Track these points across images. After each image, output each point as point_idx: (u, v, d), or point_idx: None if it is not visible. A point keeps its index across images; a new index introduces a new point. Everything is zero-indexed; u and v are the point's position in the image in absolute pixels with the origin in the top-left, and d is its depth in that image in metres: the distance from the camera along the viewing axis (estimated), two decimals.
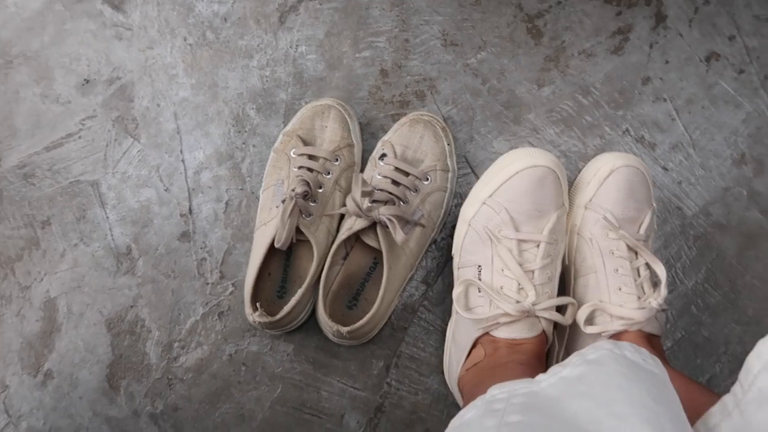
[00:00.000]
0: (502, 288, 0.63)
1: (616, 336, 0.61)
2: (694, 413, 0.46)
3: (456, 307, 0.64)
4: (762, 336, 0.72)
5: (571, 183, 0.75)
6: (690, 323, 0.75)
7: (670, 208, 0.78)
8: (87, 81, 0.83)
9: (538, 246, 0.63)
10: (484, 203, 0.65)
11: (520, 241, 0.63)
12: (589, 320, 0.63)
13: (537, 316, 0.62)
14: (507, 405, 0.40)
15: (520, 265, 0.62)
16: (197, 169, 0.80)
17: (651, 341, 0.62)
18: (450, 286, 0.76)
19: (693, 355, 0.75)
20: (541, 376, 0.42)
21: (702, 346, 0.75)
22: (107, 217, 0.79)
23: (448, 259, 0.77)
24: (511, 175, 0.64)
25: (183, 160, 0.80)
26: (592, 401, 0.38)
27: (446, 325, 0.74)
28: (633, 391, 0.38)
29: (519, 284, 0.62)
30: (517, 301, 0.61)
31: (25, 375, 0.76)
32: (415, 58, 0.82)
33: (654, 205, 0.70)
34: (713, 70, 0.81)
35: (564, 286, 0.69)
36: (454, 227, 0.77)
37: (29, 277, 0.78)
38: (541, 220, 0.64)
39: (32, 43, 0.83)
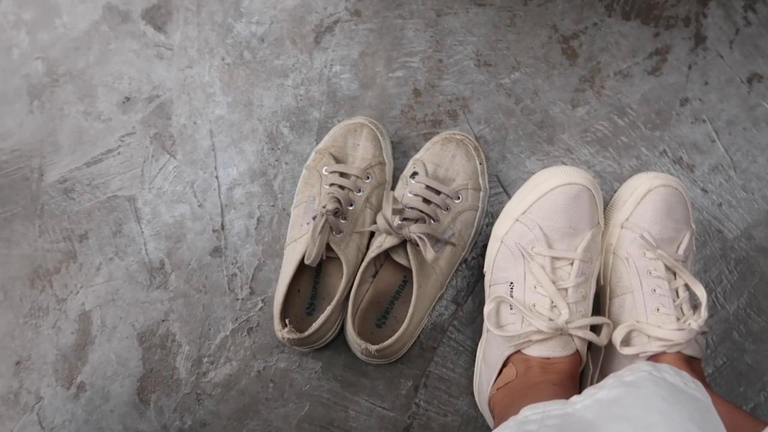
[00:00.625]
0: (534, 305, 0.61)
1: (654, 358, 0.59)
2: None
3: (487, 324, 0.63)
4: None
5: (607, 203, 0.74)
6: (732, 350, 0.72)
7: (710, 231, 0.75)
8: (128, 99, 0.85)
9: (571, 264, 0.62)
10: (517, 220, 0.65)
11: (554, 258, 0.62)
12: (626, 341, 0.61)
13: (570, 335, 0.60)
14: (540, 426, 0.39)
15: (554, 282, 0.61)
16: (230, 185, 0.81)
17: (691, 365, 0.59)
18: (480, 305, 0.75)
19: (736, 383, 0.72)
20: (575, 398, 0.41)
21: (745, 374, 0.72)
22: (142, 232, 0.81)
23: (479, 278, 0.76)
24: (546, 192, 0.63)
25: (217, 177, 0.82)
26: (629, 425, 0.36)
27: (476, 345, 0.73)
28: (674, 415, 0.36)
29: (552, 302, 0.61)
30: (550, 319, 0.60)
31: (59, 387, 0.77)
32: (449, 78, 0.82)
33: (693, 226, 0.69)
34: (755, 92, 0.79)
35: (599, 307, 0.67)
36: (484, 247, 0.76)
37: (66, 289, 0.80)
38: (576, 238, 0.63)
39: (78, 62, 0.86)
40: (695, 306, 0.62)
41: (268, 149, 0.82)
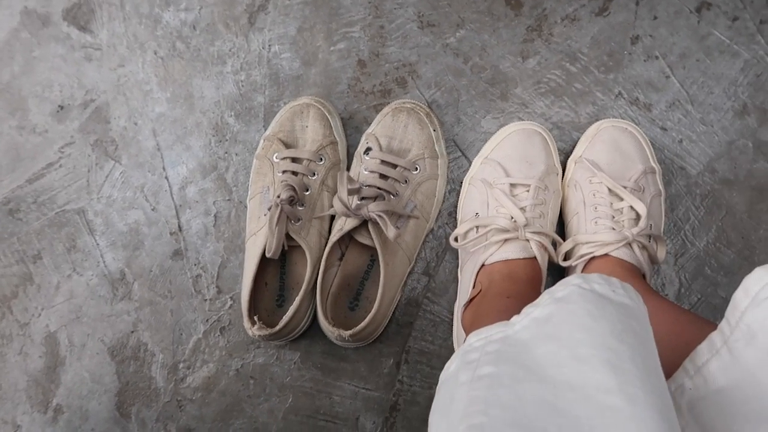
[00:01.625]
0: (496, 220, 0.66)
1: (589, 264, 0.63)
2: (683, 345, 0.46)
3: (452, 244, 0.67)
4: None
5: (568, 154, 0.73)
6: (705, 285, 0.72)
7: (673, 169, 0.74)
8: (62, 107, 0.81)
9: (528, 189, 0.67)
10: (481, 162, 0.72)
11: (512, 185, 0.68)
12: (570, 257, 0.66)
13: (527, 240, 0.64)
14: (481, 354, 0.39)
15: (513, 204, 0.66)
16: (182, 184, 0.78)
17: (633, 273, 0.61)
18: (451, 274, 0.74)
19: (712, 317, 0.72)
20: (515, 318, 0.41)
21: (720, 308, 0.71)
22: (97, 244, 0.78)
23: (447, 247, 0.74)
24: (504, 137, 0.71)
25: (167, 177, 0.78)
26: (557, 344, 0.36)
27: (452, 314, 0.72)
28: (597, 330, 0.36)
29: (512, 217, 0.65)
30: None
31: (35, 413, 0.75)
32: (393, 45, 0.79)
33: (655, 166, 0.70)
34: (705, 21, 0.77)
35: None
36: (450, 215, 0.75)
37: (27, 313, 0.77)
38: (532, 169, 0.69)
39: (2, 74, 0.81)
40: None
41: (215, 142, 0.79)
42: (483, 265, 0.65)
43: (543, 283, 0.66)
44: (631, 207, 0.65)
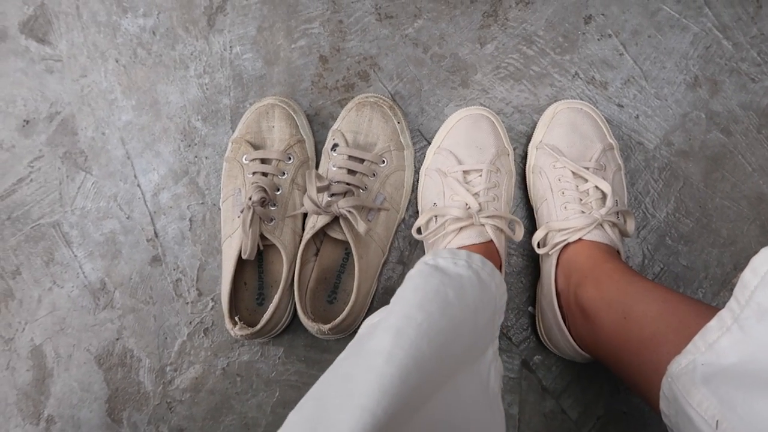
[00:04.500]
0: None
1: (565, 250, 0.65)
2: (677, 323, 0.49)
3: (414, 235, 0.69)
4: (740, 254, 0.73)
5: (529, 137, 0.75)
6: (667, 255, 0.75)
7: (631, 145, 0.77)
8: (27, 122, 0.81)
9: (480, 174, 0.69)
10: (434, 152, 0.73)
11: (465, 172, 0.70)
12: (544, 244, 0.68)
13: (483, 225, 0.66)
14: (368, 335, 0.44)
15: (467, 190, 0.68)
16: (155, 191, 0.79)
17: (611, 253, 0.64)
18: None
19: (674, 285, 0.75)
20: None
21: (682, 276, 0.75)
22: (75, 256, 0.78)
23: None
24: (452, 125, 0.73)
25: (139, 185, 0.79)
26: (386, 314, 0.44)
27: None
28: (408, 301, 0.43)
29: (466, 204, 0.67)
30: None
31: (27, 425, 0.76)
32: (353, 39, 0.80)
33: (612, 141, 0.72)
34: None
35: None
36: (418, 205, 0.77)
37: (11, 329, 0.78)
38: (482, 155, 0.71)
39: None
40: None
41: (184, 147, 0.80)
42: None
43: (503, 264, 0.68)
44: (596, 187, 0.67)
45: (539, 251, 0.68)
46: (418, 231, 0.69)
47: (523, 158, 0.76)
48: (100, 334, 0.77)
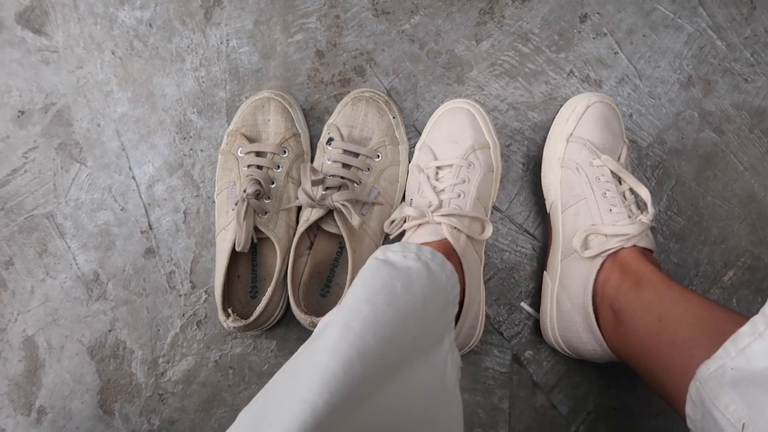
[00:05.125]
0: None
1: (613, 255, 0.63)
2: (713, 329, 0.49)
3: (385, 229, 0.70)
4: (731, 252, 0.73)
5: (547, 129, 0.75)
6: (658, 252, 0.76)
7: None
8: (22, 112, 0.81)
9: (451, 170, 0.69)
10: (418, 149, 0.74)
11: (438, 168, 0.70)
12: (585, 245, 0.65)
13: (439, 223, 0.65)
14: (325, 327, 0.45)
15: (434, 187, 0.68)
16: (149, 183, 0.79)
17: (647, 256, 0.63)
18: None
19: None
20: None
21: (673, 273, 0.75)
22: (69, 247, 0.78)
23: None
24: (435, 120, 0.74)
25: (134, 177, 0.79)
26: (337, 309, 0.46)
27: None
28: (357, 295, 0.44)
29: (429, 201, 0.67)
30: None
31: (18, 416, 0.76)
32: (349, 34, 0.81)
33: (626, 141, 0.72)
34: None
35: (546, 222, 0.72)
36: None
37: (3, 319, 0.78)
38: (456, 148, 0.70)
39: None
40: (641, 208, 0.67)
41: (180, 139, 0.80)
42: None
43: (462, 261, 0.65)
44: (631, 189, 0.66)
45: (585, 254, 0.64)
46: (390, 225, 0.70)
47: (529, 148, 0.76)
48: (93, 326, 0.77)
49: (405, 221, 0.67)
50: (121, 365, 0.77)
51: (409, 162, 0.76)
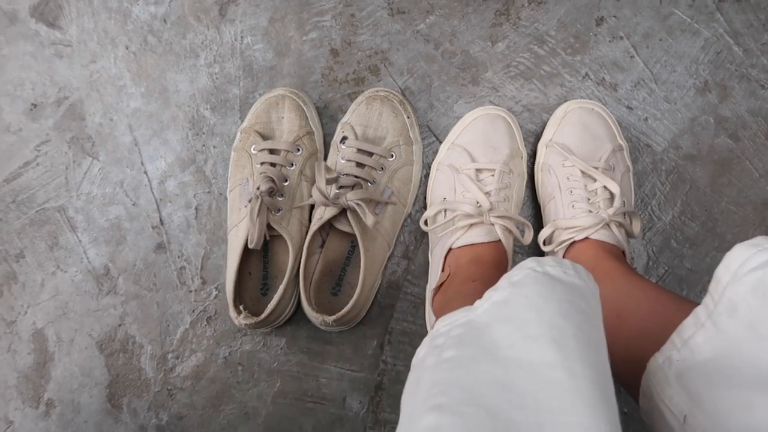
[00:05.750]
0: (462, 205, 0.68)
1: (570, 248, 0.65)
2: (665, 322, 0.49)
3: (422, 227, 0.69)
4: None
5: (538, 137, 0.75)
6: (671, 258, 0.75)
7: (639, 147, 0.77)
8: (35, 105, 0.81)
9: (493, 174, 0.69)
10: (448, 148, 0.74)
11: (478, 170, 0.70)
12: (550, 241, 0.68)
13: (492, 224, 0.66)
14: (446, 339, 0.41)
15: (478, 188, 0.68)
16: (161, 178, 0.79)
17: (607, 250, 0.64)
18: None
19: (678, 288, 0.75)
20: (477, 303, 0.43)
21: (686, 279, 0.75)
22: (80, 241, 0.78)
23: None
24: (469, 122, 0.74)
25: (146, 172, 0.79)
26: (511, 325, 0.39)
27: None
28: (545, 310, 0.38)
29: (477, 201, 0.67)
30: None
31: (27, 408, 0.76)
32: (364, 33, 0.80)
33: (622, 142, 0.72)
34: (667, 0, 0.79)
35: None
36: (426, 198, 0.77)
37: (13, 312, 0.78)
38: (496, 154, 0.71)
39: None
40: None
41: (192, 135, 0.80)
42: (450, 249, 0.67)
43: (509, 265, 0.68)
44: (605, 187, 0.67)
45: (545, 248, 0.68)
46: (425, 223, 0.69)
47: (532, 157, 0.76)
48: (103, 320, 0.77)
49: (452, 219, 0.67)
50: (131, 360, 0.77)
51: (423, 162, 0.76)
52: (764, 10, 0.78)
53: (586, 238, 0.65)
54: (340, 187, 0.68)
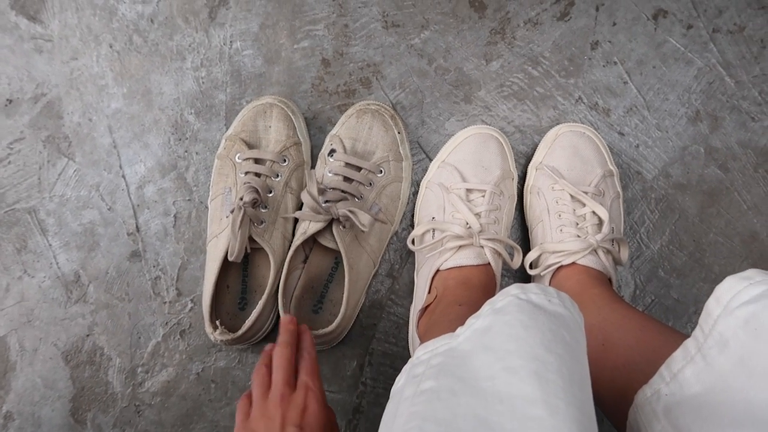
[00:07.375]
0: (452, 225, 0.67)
1: (557, 274, 0.64)
2: (650, 352, 0.48)
3: (410, 246, 0.67)
4: None
5: (529, 158, 0.74)
6: (659, 287, 0.75)
7: (629, 174, 0.76)
8: (10, 101, 0.77)
9: (483, 195, 0.68)
10: (438, 166, 0.72)
11: (468, 190, 0.68)
12: (536, 265, 0.67)
13: (482, 246, 0.64)
14: (426, 368, 0.39)
15: (468, 209, 0.66)
16: (140, 183, 0.76)
17: (601, 280, 0.63)
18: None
19: (665, 317, 0.74)
20: (459, 330, 0.41)
21: (673, 309, 0.74)
22: (50, 245, 0.75)
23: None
24: (461, 141, 0.72)
25: (124, 176, 0.76)
26: (492, 355, 0.37)
27: None
28: (527, 341, 0.37)
29: (467, 223, 0.65)
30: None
31: None
32: (357, 44, 0.79)
33: (613, 168, 0.72)
34: (661, 28, 0.79)
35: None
36: (414, 217, 0.75)
37: None
38: (487, 175, 0.70)
39: None
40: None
41: (175, 140, 0.77)
42: (438, 270, 0.65)
43: (497, 288, 0.66)
44: (594, 212, 0.66)
45: (531, 272, 0.66)
46: (413, 242, 0.67)
47: (521, 179, 0.75)
48: (70, 329, 0.74)
49: (441, 240, 0.65)
50: (97, 372, 0.73)
51: (412, 179, 0.74)
52: (756, 43, 0.79)
53: (573, 263, 0.64)
54: (326, 202, 0.66)
